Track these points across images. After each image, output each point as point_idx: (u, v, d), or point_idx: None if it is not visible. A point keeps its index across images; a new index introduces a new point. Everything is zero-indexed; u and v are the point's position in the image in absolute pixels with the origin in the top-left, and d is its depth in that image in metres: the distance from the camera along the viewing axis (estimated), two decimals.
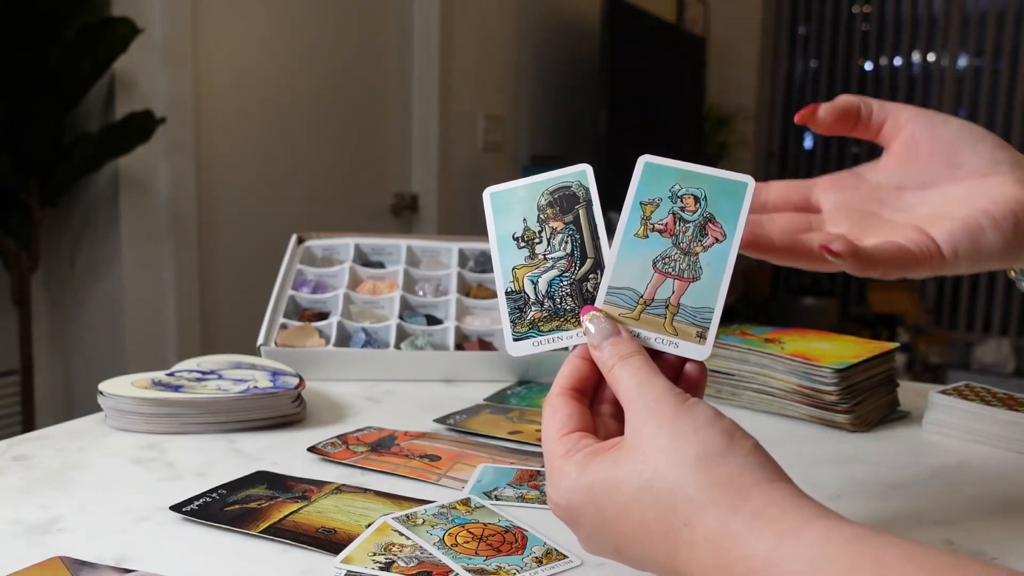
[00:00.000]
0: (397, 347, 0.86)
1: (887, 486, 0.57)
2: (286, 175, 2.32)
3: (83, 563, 0.45)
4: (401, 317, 0.89)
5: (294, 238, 0.98)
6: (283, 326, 0.87)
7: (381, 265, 0.99)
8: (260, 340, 0.85)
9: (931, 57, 4.38)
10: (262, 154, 2.25)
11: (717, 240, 0.42)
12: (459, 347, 0.88)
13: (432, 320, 0.91)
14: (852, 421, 0.71)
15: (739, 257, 0.42)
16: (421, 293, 0.95)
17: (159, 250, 1.97)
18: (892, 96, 4.48)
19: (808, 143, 4.79)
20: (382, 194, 2.70)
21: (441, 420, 0.71)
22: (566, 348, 0.44)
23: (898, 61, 4.48)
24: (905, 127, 0.48)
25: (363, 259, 0.99)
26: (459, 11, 2.78)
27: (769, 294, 4.66)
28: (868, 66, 4.57)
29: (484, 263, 0.99)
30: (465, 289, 0.95)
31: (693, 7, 4.19)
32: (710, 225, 0.42)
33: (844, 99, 0.48)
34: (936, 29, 4.35)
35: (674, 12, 3.98)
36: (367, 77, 2.57)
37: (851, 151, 4.63)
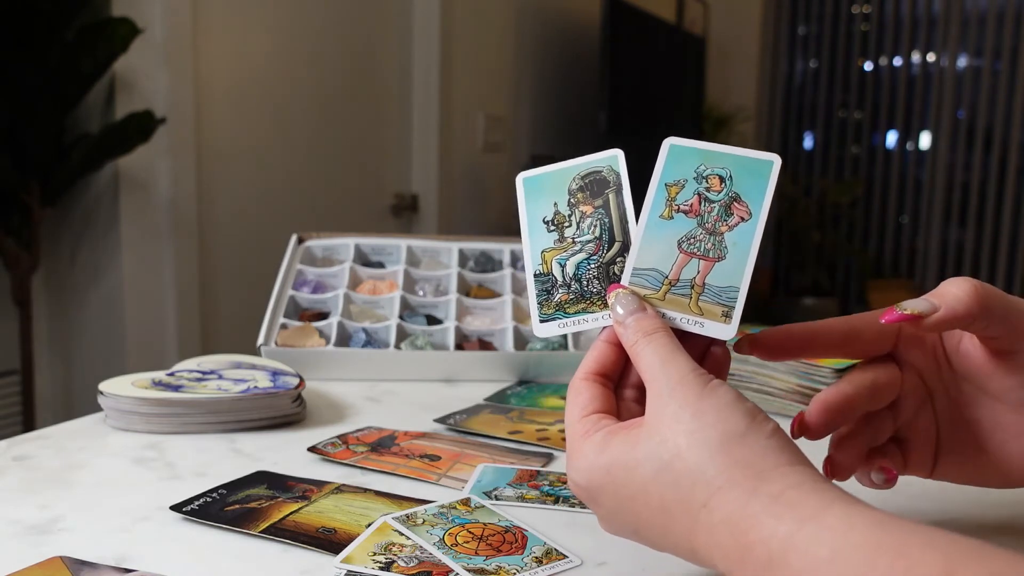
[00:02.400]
0: (397, 347, 0.86)
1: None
2: (286, 175, 2.32)
3: (83, 563, 0.45)
4: (401, 317, 0.89)
5: (294, 238, 0.98)
6: (283, 326, 0.87)
7: (381, 265, 0.99)
8: (260, 340, 0.85)
9: (931, 57, 4.39)
10: (262, 154, 2.25)
11: (743, 219, 0.42)
12: (459, 347, 0.88)
13: (432, 320, 0.91)
14: None
15: None
16: (421, 293, 0.95)
17: (159, 250, 1.97)
18: (892, 96, 4.48)
19: (808, 143, 4.79)
20: (382, 194, 2.70)
21: (441, 420, 0.71)
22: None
23: (898, 61, 4.48)
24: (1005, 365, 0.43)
25: (363, 259, 0.99)
26: (459, 11, 2.79)
27: (769, 294, 4.67)
28: (868, 66, 4.57)
29: (484, 263, 0.99)
30: (465, 289, 0.95)
31: (693, 7, 4.19)
32: (736, 204, 0.42)
33: (958, 308, 0.41)
34: (936, 29, 4.35)
35: (674, 12, 3.98)
36: (367, 77, 2.57)
37: (851, 152, 4.63)
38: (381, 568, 0.45)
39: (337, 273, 0.95)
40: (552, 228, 0.45)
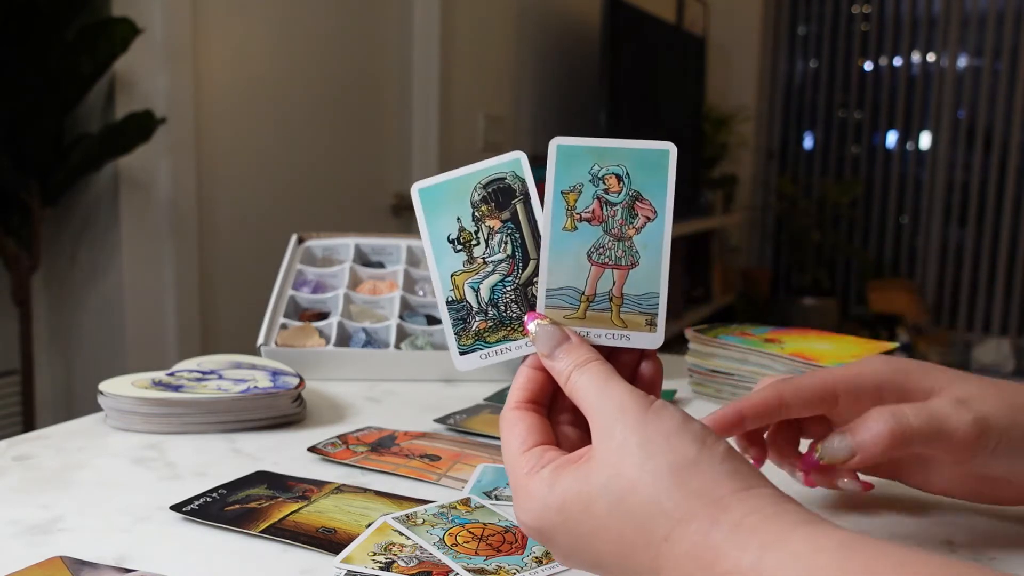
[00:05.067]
0: (397, 347, 0.86)
1: (887, 486, 0.57)
2: (286, 175, 2.32)
3: (83, 563, 0.45)
4: (401, 317, 0.89)
5: (294, 238, 0.98)
6: (283, 326, 0.87)
7: (381, 265, 0.99)
8: (260, 340, 0.85)
9: (931, 57, 4.38)
10: (262, 154, 2.25)
11: (648, 219, 0.40)
12: None
13: (432, 320, 0.91)
14: None
15: (739, 255, 0.41)
16: (421, 293, 0.95)
17: (159, 250, 1.97)
18: (892, 96, 4.48)
19: (808, 143, 4.79)
20: (382, 194, 2.70)
21: (441, 420, 0.71)
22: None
23: (898, 61, 4.48)
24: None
25: (363, 259, 0.99)
26: (459, 11, 2.78)
27: (769, 294, 4.67)
28: (868, 66, 4.57)
29: None
30: None
31: (693, 7, 4.19)
32: (638, 204, 0.40)
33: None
34: (936, 29, 4.35)
35: (674, 12, 3.98)
36: (367, 77, 2.57)
37: (851, 152, 4.63)
38: (381, 568, 0.45)
39: (337, 273, 0.95)
40: (459, 247, 0.41)
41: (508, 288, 0.41)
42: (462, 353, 0.41)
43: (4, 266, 1.73)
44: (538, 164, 0.40)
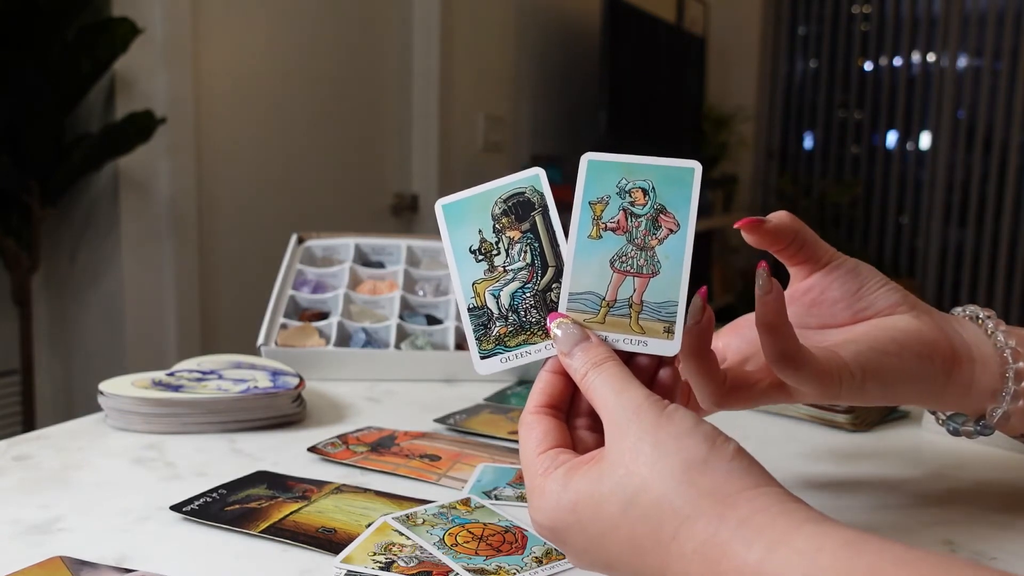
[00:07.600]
0: (397, 347, 0.86)
1: (887, 486, 0.57)
2: (286, 175, 2.32)
3: (83, 563, 0.45)
4: (401, 317, 0.90)
5: (294, 238, 0.98)
6: (283, 326, 0.87)
7: (381, 265, 0.99)
8: (260, 340, 0.85)
9: (931, 57, 4.38)
10: (262, 154, 2.25)
11: (671, 231, 0.41)
12: (459, 347, 0.88)
13: (432, 320, 0.92)
14: (852, 421, 0.71)
15: (739, 255, 0.42)
16: (421, 293, 0.95)
17: (159, 250, 1.97)
18: (892, 96, 4.48)
19: (808, 143, 4.79)
20: (382, 194, 2.70)
21: (441, 420, 0.71)
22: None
23: (898, 61, 4.48)
24: (821, 274, 0.50)
25: (363, 259, 0.99)
26: (459, 11, 2.79)
27: None
28: (868, 66, 4.57)
29: None
30: None
31: (693, 7, 4.19)
32: (662, 216, 0.41)
33: (786, 221, 0.49)
34: (936, 29, 4.35)
35: (674, 12, 3.98)
36: (367, 77, 2.57)
37: (850, 152, 4.63)
38: (381, 568, 0.45)
39: (337, 273, 0.95)
40: (480, 257, 0.43)
41: (528, 294, 0.42)
42: (483, 357, 0.43)
43: (4, 266, 1.73)
44: (537, 163, 0.41)
